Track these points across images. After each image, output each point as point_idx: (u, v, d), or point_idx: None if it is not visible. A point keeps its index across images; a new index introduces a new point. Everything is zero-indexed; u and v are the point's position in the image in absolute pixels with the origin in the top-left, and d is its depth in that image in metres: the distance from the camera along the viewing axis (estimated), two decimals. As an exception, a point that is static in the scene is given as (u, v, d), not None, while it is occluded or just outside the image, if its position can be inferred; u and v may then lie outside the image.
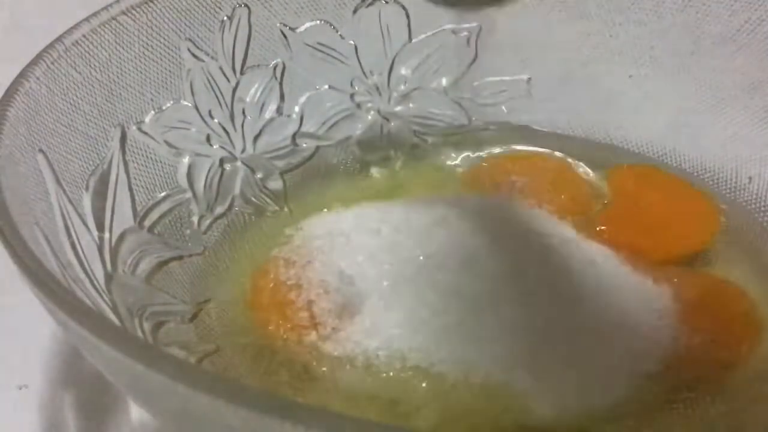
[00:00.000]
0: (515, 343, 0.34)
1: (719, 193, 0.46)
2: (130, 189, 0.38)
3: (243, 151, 0.45)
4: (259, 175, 0.45)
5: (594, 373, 0.34)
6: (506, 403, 0.33)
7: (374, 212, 0.41)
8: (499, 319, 0.35)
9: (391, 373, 0.34)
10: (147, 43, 0.41)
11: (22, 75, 0.34)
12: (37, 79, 0.35)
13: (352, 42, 0.47)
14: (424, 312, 0.35)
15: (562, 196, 0.44)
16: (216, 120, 0.44)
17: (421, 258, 0.37)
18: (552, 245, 0.39)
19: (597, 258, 0.39)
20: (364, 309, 0.36)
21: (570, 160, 0.48)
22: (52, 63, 0.36)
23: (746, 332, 0.37)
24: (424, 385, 0.34)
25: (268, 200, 0.45)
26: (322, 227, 0.41)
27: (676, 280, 0.39)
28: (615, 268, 0.39)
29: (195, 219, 0.42)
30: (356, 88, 0.49)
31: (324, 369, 0.35)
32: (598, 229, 0.42)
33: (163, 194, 0.41)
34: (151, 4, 0.40)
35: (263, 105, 0.46)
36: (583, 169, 0.48)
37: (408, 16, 0.48)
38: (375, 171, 0.48)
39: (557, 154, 0.49)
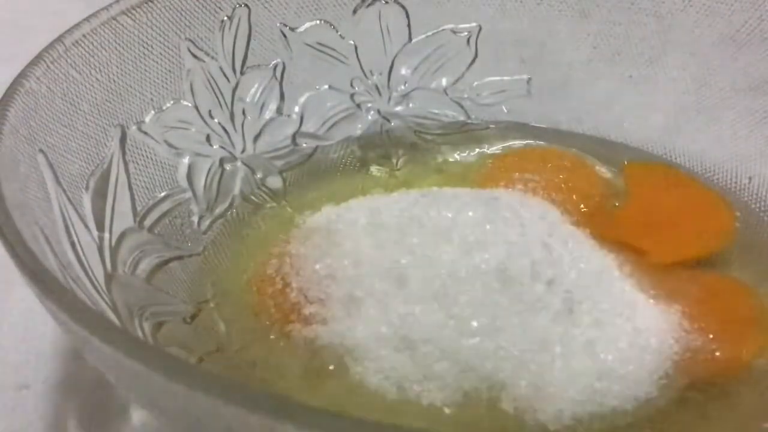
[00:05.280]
0: (519, 346, 0.34)
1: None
2: (130, 189, 0.38)
3: (243, 151, 0.45)
4: (259, 175, 0.45)
5: (603, 376, 0.34)
6: (508, 405, 0.33)
7: (376, 207, 0.41)
8: (502, 321, 0.35)
9: (393, 373, 0.34)
10: (147, 43, 0.41)
11: (22, 75, 0.34)
12: (37, 79, 0.35)
13: (352, 42, 0.47)
14: (427, 311, 0.35)
15: (574, 196, 0.44)
16: (216, 120, 0.44)
17: (424, 255, 0.37)
18: (560, 245, 0.39)
19: (609, 259, 0.39)
20: (367, 306, 0.36)
21: (585, 156, 0.48)
22: (52, 63, 0.36)
23: (757, 332, 0.37)
24: (425, 384, 0.34)
25: (268, 199, 0.45)
26: (323, 223, 0.41)
27: (687, 281, 0.39)
28: (627, 270, 0.39)
29: (195, 219, 0.42)
30: (356, 88, 0.49)
31: (325, 366, 0.35)
32: (613, 228, 0.42)
33: (163, 194, 0.41)
34: (151, 4, 0.41)
35: (263, 105, 0.46)
36: (599, 167, 0.47)
37: (408, 16, 0.48)
38: (375, 169, 0.48)
39: (573, 150, 0.49)
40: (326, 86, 0.48)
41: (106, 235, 0.36)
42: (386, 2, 0.47)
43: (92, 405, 0.38)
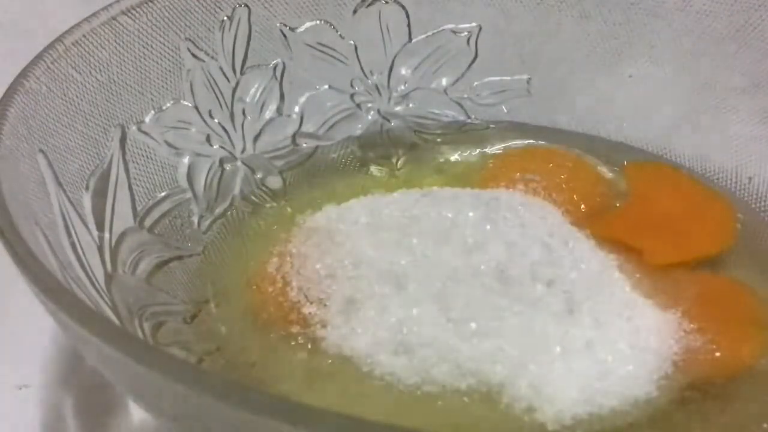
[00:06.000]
0: (519, 346, 0.34)
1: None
2: (130, 189, 0.39)
3: (243, 151, 0.45)
4: (259, 175, 0.45)
5: (603, 376, 0.34)
6: (507, 406, 0.33)
7: (377, 207, 0.41)
8: (501, 322, 0.35)
9: (392, 376, 0.34)
10: (147, 43, 0.41)
11: (22, 75, 0.34)
12: (37, 78, 0.35)
13: (352, 42, 0.47)
14: (426, 313, 0.35)
15: (575, 196, 0.44)
16: (216, 120, 0.44)
17: (424, 256, 0.37)
18: (561, 246, 0.39)
19: (609, 260, 0.39)
20: (366, 308, 0.36)
21: (587, 156, 0.48)
22: (52, 63, 0.36)
23: (757, 333, 0.37)
24: (423, 386, 0.34)
25: (268, 199, 0.45)
26: (324, 222, 0.41)
27: (687, 281, 0.39)
28: (628, 271, 0.39)
29: (195, 219, 0.42)
30: (356, 88, 0.49)
31: (325, 367, 0.35)
32: (614, 228, 0.42)
33: (163, 194, 0.41)
34: (151, 4, 0.41)
35: (263, 105, 0.46)
36: (600, 167, 0.47)
37: (408, 16, 0.48)
38: (375, 169, 0.48)
39: (576, 150, 0.49)
40: (326, 86, 0.48)
41: (106, 235, 0.36)
42: (386, 2, 0.47)
43: (92, 405, 0.38)
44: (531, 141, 0.50)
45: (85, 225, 0.35)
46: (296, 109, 0.47)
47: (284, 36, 0.46)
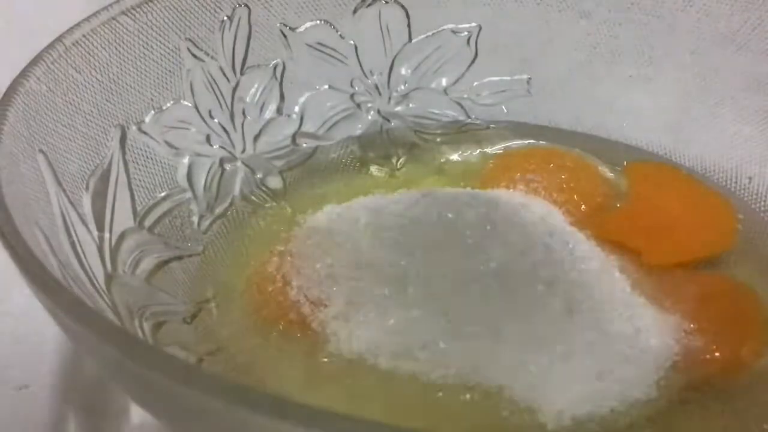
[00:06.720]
0: (518, 347, 0.34)
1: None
2: (130, 189, 0.39)
3: (243, 151, 0.45)
4: (259, 175, 0.45)
5: (602, 377, 0.34)
6: (507, 407, 0.33)
7: (377, 207, 0.41)
8: (501, 322, 0.35)
9: (392, 376, 0.34)
10: (147, 43, 0.41)
11: (22, 75, 0.34)
12: (37, 79, 0.35)
13: (352, 42, 0.47)
14: (426, 314, 0.35)
15: (575, 196, 0.44)
16: (216, 120, 0.44)
17: (424, 256, 0.37)
18: (561, 246, 0.39)
19: (609, 260, 0.39)
20: (366, 307, 0.36)
21: (587, 156, 0.48)
22: (52, 63, 0.36)
23: (757, 333, 0.37)
24: (423, 387, 0.34)
25: (268, 199, 0.45)
26: (324, 222, 0.41)
27: (687, 281, 0.39)
28: (628, 271, 0.39)
29: (195, 219, 0.42)
30: (356, 88, 0.49)
31: (325, 366, 0.35)
32: (614, 229, 0.42)
33: (163, 194, 0.41)
34: (151, 4, 0.41)
35: (263, 105, 0.46)
36: (601, 167, 0.47)
37: (408, 16, 0.48)
38: (374, 170, 0.48)
39: (576, 150, 0.48)
40: (326, 86, 0.48)
41: (106, 235, 0.36)
42: (386, 2, 0.47)
43: (92, 405, 0.38)
44: (531, 141, 0.50)
45: (85, 225, 0.35)
46: (296, 109, 0.47)
47: (284, 36, 0.46)
